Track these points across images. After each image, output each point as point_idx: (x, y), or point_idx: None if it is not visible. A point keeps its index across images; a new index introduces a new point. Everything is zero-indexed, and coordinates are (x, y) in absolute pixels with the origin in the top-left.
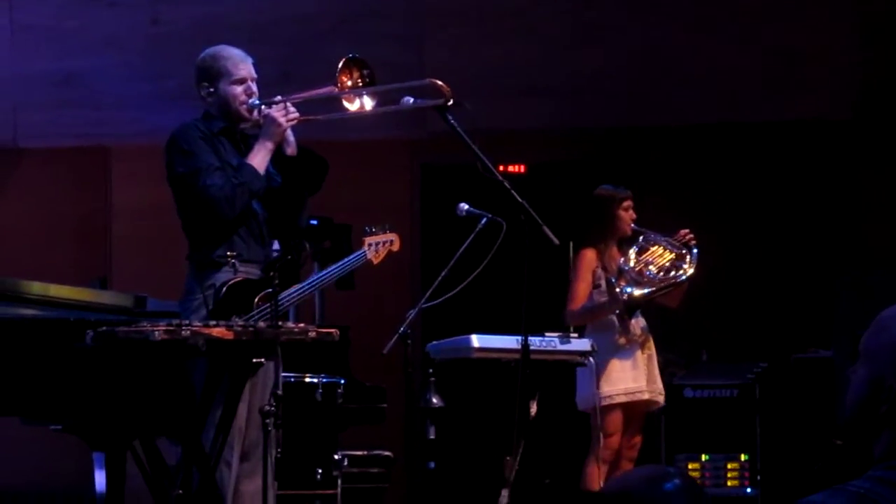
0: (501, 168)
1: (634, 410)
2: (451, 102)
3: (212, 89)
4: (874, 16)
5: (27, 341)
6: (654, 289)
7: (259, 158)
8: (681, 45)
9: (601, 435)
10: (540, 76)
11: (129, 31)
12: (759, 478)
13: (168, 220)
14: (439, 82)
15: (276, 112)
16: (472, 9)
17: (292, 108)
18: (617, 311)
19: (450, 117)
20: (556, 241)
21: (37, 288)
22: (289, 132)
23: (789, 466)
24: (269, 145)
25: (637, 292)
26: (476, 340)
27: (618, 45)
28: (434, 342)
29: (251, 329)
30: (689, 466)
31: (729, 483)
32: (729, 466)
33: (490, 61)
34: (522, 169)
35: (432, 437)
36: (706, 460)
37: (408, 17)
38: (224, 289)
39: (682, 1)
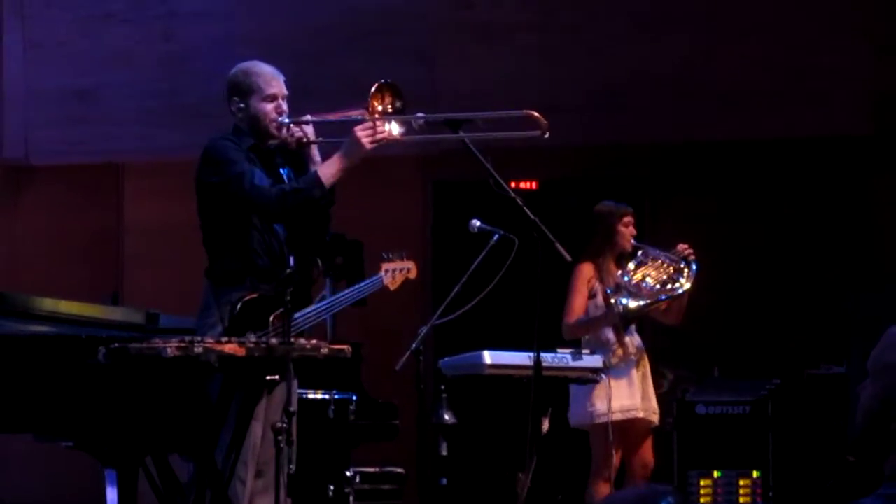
0: (513, 184)
1: (630, 429)
2: (546, 135)
3: (242, 105)
4: (887, 31)
5: (39, 358)
6: (649, 301)
7: (331, 171)
8: (694, 61)
9: (601, 453)
10: (552, 92)
11: (142, 48)
12: (771, 494)
13: (179, 236)
14: (535, 114)
15: (362, 132)
16: (484, 25)
17: (381, 128)
18: (613, 325)
19: (462, 134)
20: (568, 257)
21: (48, 304)
22: (315, 150)
23: (802, 483)
24: (345, 164)
25: (633, 304)
26: (488, 357)
27: (630, 61)
28: (446, 358)
29: (263, 345)
30: (702, 483)
31: (741, 500)
32: (741, 483)
33: (501, 77)
34: (534, 185)
35: (444, 453)
36: (718, 477)
37: (419, 34)
38: (239, 305)
39: (694, 18)
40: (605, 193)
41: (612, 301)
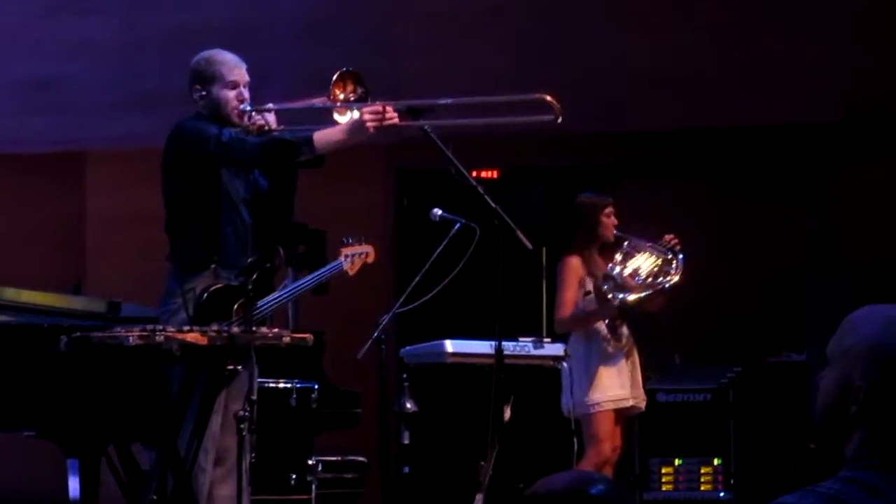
0: (475, 173)
1: (619, 417)
2: (560, 119)
3: (204, 92)
4: (850, 18)
5: (0, 347)
6: (642, 294)
7: (328, 140)
8: (658, 49)
9: (593, 442)
10: (513, 81)
11: (103, 37)
12: (732, 482)
13: (142, 225)
14: (549, 98)
15: (369, 114)
16: (445, 13)
17: (390, 113)
18: (608, 318)
19: (423, 123)
20: (529, 245)
21: (10, 293)
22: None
23: (763, 470)
24: (345, 141)
25: (630, 298)
26: (450, 345)
27: (594, 49)
28: (408, 347)
29: (225, 334)
30: (663, 470)
31: (702, 487)
32: (702, 470)
33: (463, 66)
34: (495, 174)
35: (406, 441)
36: (680, 464)
37: (380, 23)
38: (205, 294)
39: (660, 4)
40: (565, 182)
41: (610, 295)
